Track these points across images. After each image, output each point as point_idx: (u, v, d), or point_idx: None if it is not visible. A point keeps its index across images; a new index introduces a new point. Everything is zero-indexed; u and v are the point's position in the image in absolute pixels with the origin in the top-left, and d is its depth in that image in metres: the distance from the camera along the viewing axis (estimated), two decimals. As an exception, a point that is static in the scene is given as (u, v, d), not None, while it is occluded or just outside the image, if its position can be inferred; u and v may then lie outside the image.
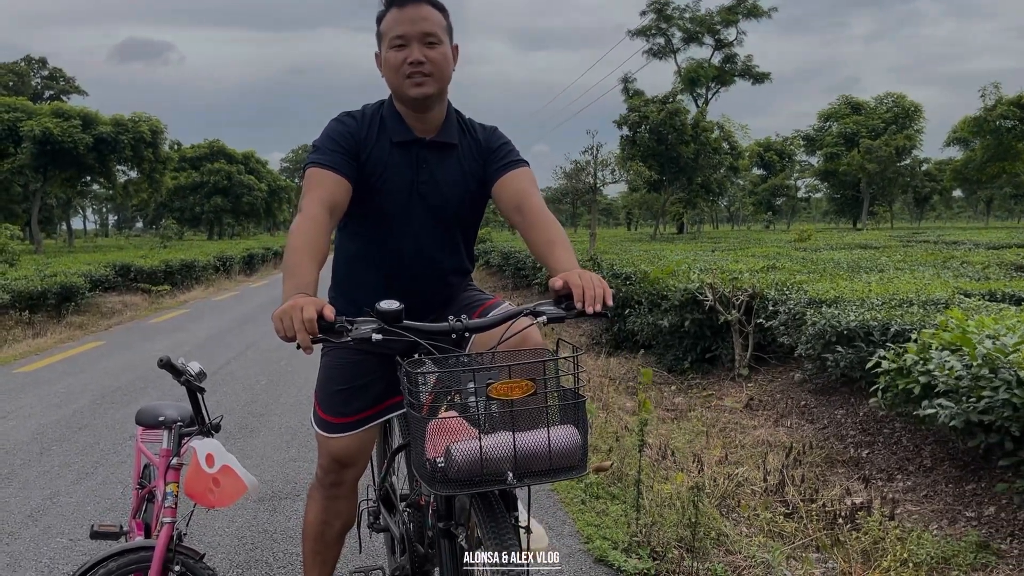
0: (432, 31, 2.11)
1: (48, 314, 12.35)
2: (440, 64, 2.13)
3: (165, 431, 2.44)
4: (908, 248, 15.15)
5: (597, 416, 5.63)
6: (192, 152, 58.08)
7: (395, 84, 2.16)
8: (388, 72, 2.16)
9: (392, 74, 2.14)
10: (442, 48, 2.13)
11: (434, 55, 2.11)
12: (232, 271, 24.14)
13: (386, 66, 2.15)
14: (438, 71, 2.13)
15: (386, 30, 2.14)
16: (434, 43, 2.11)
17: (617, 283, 9.30)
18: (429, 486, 1.67)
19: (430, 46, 2.11)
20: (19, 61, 57.70)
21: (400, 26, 2.10)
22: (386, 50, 2.14)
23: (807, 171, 70.39)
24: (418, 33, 2.09)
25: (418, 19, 2.09)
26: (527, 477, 1.63)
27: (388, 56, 2.13)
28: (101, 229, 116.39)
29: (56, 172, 33.60)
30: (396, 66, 2.12)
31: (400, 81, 2.13)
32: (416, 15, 2.10)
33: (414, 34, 2.09)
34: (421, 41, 2.10)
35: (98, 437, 5.52)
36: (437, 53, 2.12)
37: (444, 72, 2.15)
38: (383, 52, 2.17)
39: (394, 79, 2.15)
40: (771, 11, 47.53)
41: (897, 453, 4.63)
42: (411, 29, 2.09)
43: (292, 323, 1.64)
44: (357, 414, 2.28)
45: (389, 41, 2.12)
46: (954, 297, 5.73)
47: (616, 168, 28.86)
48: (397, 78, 2.13)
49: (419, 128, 2.21)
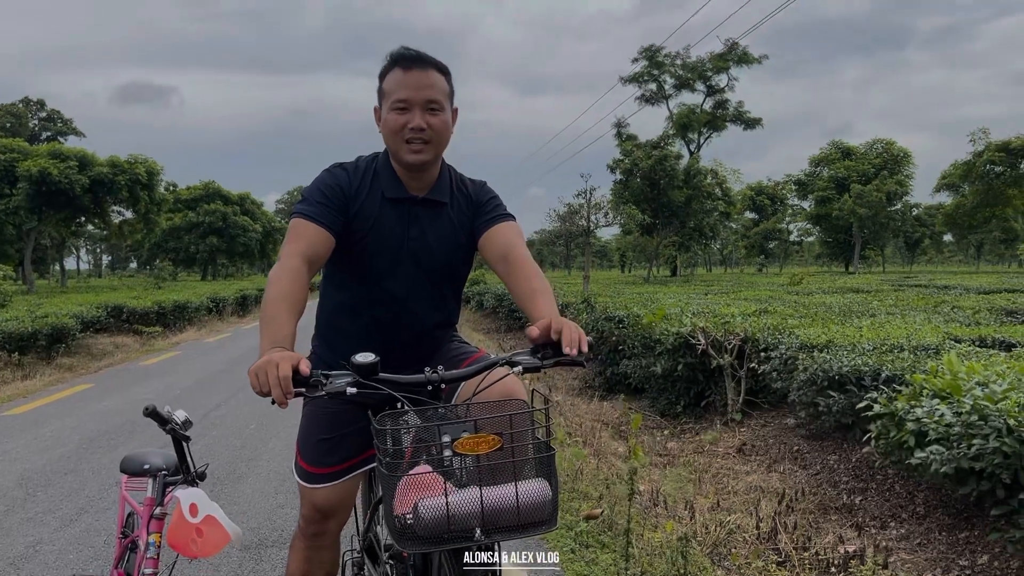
0: (436, 98, 2.10)
1: (38, 356, 12.25)
2: (440, 131, 2.13)
3: (150, 479, 2.42)
4: (900, 292, 15.18)
5: (588, 462, 5.59)
6: (188, 193, 58.27)
7: (393, 146, 2.16)
8: (387, 133, 2.15)
9: (391, 136, 2.13)
10: (443, 115, 2.13)
11: (435, 122, 2.11)
12: (225, 312, 24.06)
13: (385, 126, 2.14)
14: (437, 138, 2.13)
15: (389, 90, 2.12)
16: (436, 110, 2.11)
17: (610, 326, 9.31)
18: (398, 543, 1.65)
19: (432, 112, 2.10)
20: (17, 102, 58.24)
21: (404, 90, 2.08)
22: (387, 110, 2.12)
23: (799, 215, 71.00)
24: (422, 99, 2.08)
25: (423, 85, 2.08)
26: (496, 533, 1.61)
27: (388, 117, 2.12)
28: (95, 269, 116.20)
29: (51, 213, 33.63)
30: (396, 129, 2.10)
31: (399, 145, 2.12)
32: (421, 80, 2.08)
33: (418, 100, 2.08)
34: (423, 107, 2.09)
35: (84, 483, 5.45)
36: (438, 120, 2.12)
37: (443, 139, 2.16)
38: (384, 111, 2.15)
39: (392, 141, 2.14)
40: (762, 58, 48.32)
41: (890, 500, 4.60)
42: (415, 95, 2.08)
43: (267, 379, 1.63)
44: (339, 464, 2.25)
45: (391, 103, 2.10)
46: (945, 343, 5.74)
47: (609, 211, 29.11)
48: (396, 141, 2.12)
49: (412, 186, 2.21)
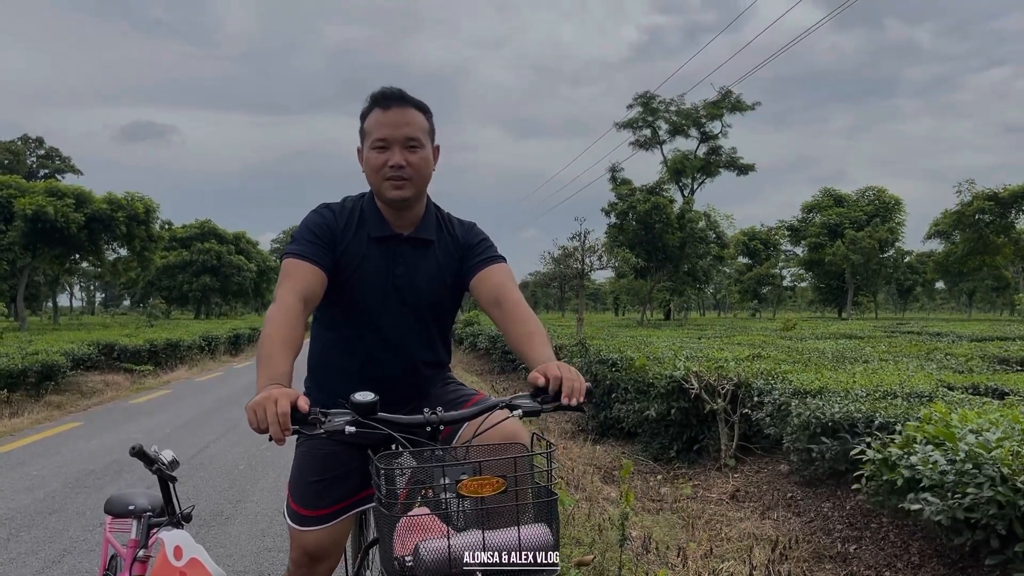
0: (415, 136, 2.14)
1: (27, 393, 12.13)
2: (420, 168, 2.17)
3: (134, 521, 2.38)
4: (892, 339, 15.21)
5: (580, 507, 5.53)
6: (183, 232, 58.39)
7: (375, 184, 2.20)
8: (369, 172, 2.19)
9: (372, 174, 2.18)
10: (423, 152, 2.17)
11: (415, 159, 2.15)
12: (217, 351, 23.94)
13: (367, 165, 2.19)
14: (417, 175, 2.17)
15: (369, 129, 2.17)
16: (416, 147, 2.15)
17: (604, 369, 9.28)
18: None
19: (411, 150, 2.15)
20: (16, 140, 58.57)
21: (383, 128, 2.13)
22: (368, 149, 2.17)
23: (792, 260, 71.40)
24: (401, 137, 2.13)
25: (401, 123, 2.13)
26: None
27: (369, 156, 2.17)
28: (88, 307, 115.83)
29: (45, 250, 33.60)
30: (377, 168, 2.15)
31: (380, 182, 2.17)
32: (400, 119, 2.13)
33: (397, 138, 2.13)
34: (403, 145, 2.13)
35: (68, 523, 5.36)
36: (418, 157, 2.16)
37: (423, 175, 2.19)
38: (365, 150, 2.20)
39: (374, 179, 2.19)
40: (755, 105, 49.04)
41: (885, 549, 4.55)
42: (394, 133, 2.13)
43: (265, 415, 1.63)
44: (331, 506, 2.22)
45: (371, 142, 2.16)
46: (938, 390, 5.74)
47: (603, 254, 29.22)
48: (377, 179, 2.17)
49: (397, 224, 2.25)
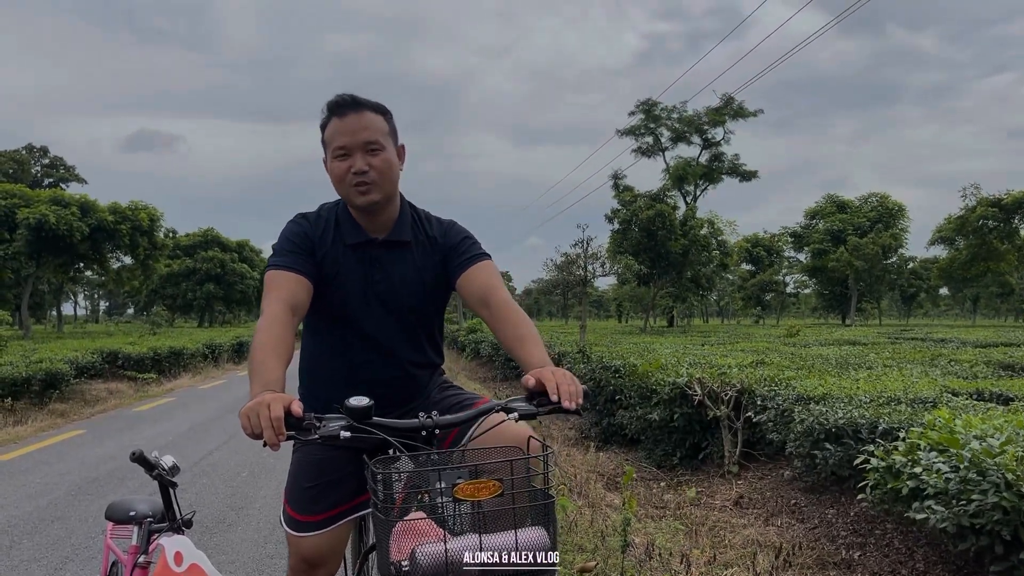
0: (373, 139, 2.14)
1: (31, 401, 12.15)
2: (384, 171, 2.16)
3: (135, 527, 2.38)
4: (896, 345, 15.18)
5: (583, 514, 5.51)
6: (187, 240, 58.56)
7: (342, 193, 2.21)
8: (334, 181, 2.19)
9: (338, 183, 2.18)
10: (385, 154, 2.16)
11: (377, 162, 2.14)
12: (221, 359, 23.96)
13: (332, 175, 2.19)
14: (382, 178, 2.16)
15: (329, 139, 2.17)
16: (376, 150, 2.14)
17: (606, 376, 9.27)
18: None
19: (372, 153, 2.14)
20: (20, 149, 58.75)
21: (341, 136, 2.13)
22: (331, 159, 2.17)
23: (795, 267, 71.32)
24: (360, 143, 2.13)
25: (359, 129, 2.13)
26: None
27: (333, 166, 2.17)
28: (92, 315, 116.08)
29: (49, 258, 33.70)
30: (341, 176, 2.15)
31: (347, 190, 2.17)
32: (357, 125, 2.13)
33: (356, 144, 2.13)
34: (363, 150, 2.13)
35: (70, 531, 5.36)
36: (380, 160, 2.15)
37: (389, 178, 2.18)
38: (328, 161, 2.20)
39: (341, 188, 2.19)
40: (757, 112, 49.01)
41: (890, 556, 4.53)
42: (352, 140, 2.12)
43: (259, 420, 1.62)
44: (328, 511, 2.22)
45: (332, 151, 2.16)
46: (942, 396, 5.72)
47: (606, 261, 29.18)
48: (343, 187, 2.17)
49: (371, 228, 2.25)
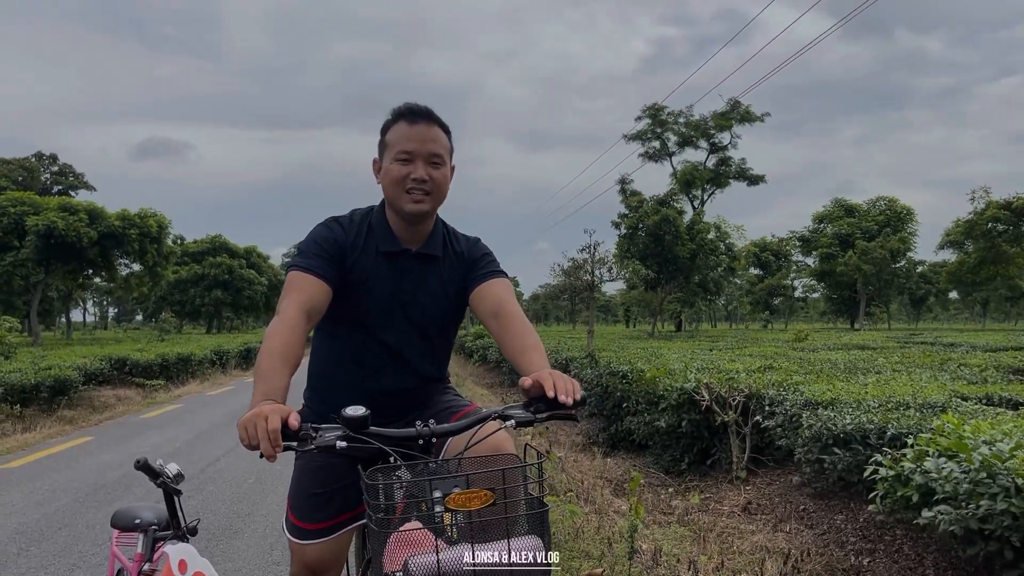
0: (438, 152, 2.17)
1: (40, 408, 12.19)
2: (440, 184, 2.19)
3: (140, 535, 2.38)
4: (905, 349, 15.09)
5: (589, 520, 5.50)
6: (194, 247, 58.76)
7: (394, 196, 2.19)
8: (388, 183, 2.19)
9: (392, 186, 2.17)
10: (444, 169, 2.20)
11: (437, 175, 2.17)
12: (228, 365, 24.02)
13: (387, 176, 2.18)
14: (438, 190, 2.18)
15: (393, 142, 2.17)
16: (438, 164, 2.17)
17: (614, 381, 9.25)
18: None
19: (434, 166, 2.16)
20: (30, 157, 59.08)
21: (409, 142, 2.14)
22: (390, 161, 2.17)
23: (803, 271, 71.10)
24: (425, 152, 2.14)
25: (427, 139, 2.15)
26: None
27: (391, 168, 2.16)
28: (100, 322, 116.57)
29: (58, 265, 33.86)
30: (398, 180, 2.15)
31: (400, 194, 2.17)
32: (426, 134, 2.15)
33: (421, 152, 2.14)
34: (426, 160, 2.15)
35: (77, 538, 5.37)
36: (440, 173, 2.18)
37: (443, 191, 2.21)
38: (385, 163, 2.19)
39: (393, 191, 2.18)
40: (764, 116, 49.02)
41: (899, 562, 4.50)
42: (419, 147, 2.14)
43: (256, 432, 1.63)
44: (330, 519, 2.22)
45: (395, 154, 2.16)
46: (951, 400, 5.68)
47: (613, 266, 29.18)
48: (397, 191, 2.17)
49: (406, 239, 2.25)
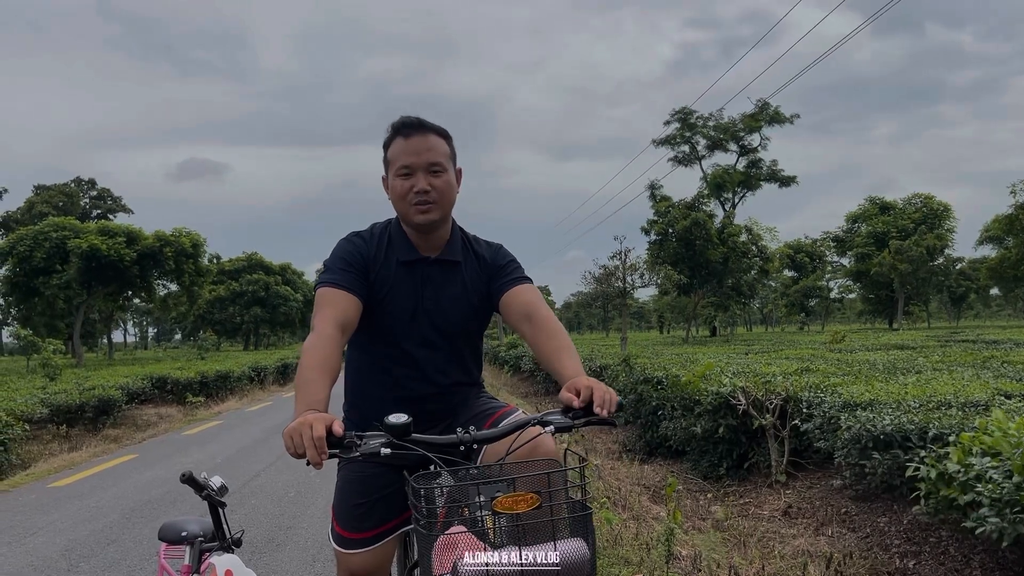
0: (437, 160, 2.21)
1: (85, 427, 12.46)
2: (444, 191, 2.23)
3: (187, 547, 2.44)
4: (946, 348, 14.83)
5: (627, 526, 5.48)
6: (231, 265, 59.66)
7: (402, 210, 2.26)
8: (395, 198, 2.26)
9: (399, 201, 2.24)
10: (446, 176, 2.24)
11: (438, 183, 2.21)
12: (266, 381, 24.32)
13: (393, 192, 2.26)
14: (442, 198, 2.23)
15: (393, 158, 2.24)
16: (439, 171, 2.22)
17: (649, 388, 9.22)
18: None
19: (435, 175, 2.21)
20: (69, 183, 60.42)
21: (406, 156, 2.20)
22: (393, 177, 2.24)
23: (839, 272, 70.10)
24: (424, 163, 2.20)
25: (423, 149, 2.20)
26: None
27: (395, 183, 2.23)
28: (140, 342, 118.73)
29: (99, 287, 34.61)
30: (402, 194, 2.22)
31: (407, 208, 2.23)
32: (422, 146, 2.20)
33: (420, 164, 2.20)
34: (426, 170, 2.20)
35: (125, 553, 5.48)
36: (441, 181, 2.22)
37: (448, 198, 2.25)
38: (390, 178, 2.27)
39: (400, 205, 2.25)
40: (793, 117, 48.51)
41: (945, 564, 4.42)
42: (417, 160, 2.19)
43: (302, 440, 1.66)
44: (375, 528, 2.25)
45: (396, 169, 2.22)
46: (994, 399, 5.58)
47: (645, 272, 29.04)
48: (403, 205, 2.23)
49: (424, 247, 2.30)
